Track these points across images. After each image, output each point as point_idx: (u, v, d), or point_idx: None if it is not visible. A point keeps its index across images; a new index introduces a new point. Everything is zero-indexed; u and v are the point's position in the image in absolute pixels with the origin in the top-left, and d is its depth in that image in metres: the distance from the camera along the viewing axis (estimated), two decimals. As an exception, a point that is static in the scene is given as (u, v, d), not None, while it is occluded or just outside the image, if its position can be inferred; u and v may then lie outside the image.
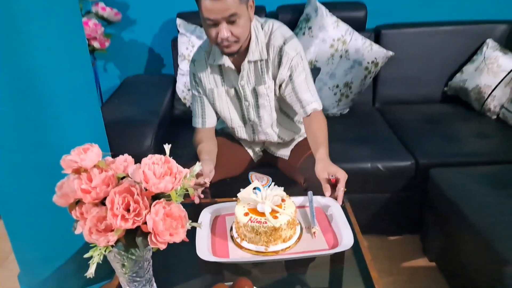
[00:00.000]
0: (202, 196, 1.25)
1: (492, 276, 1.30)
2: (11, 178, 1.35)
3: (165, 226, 0.71)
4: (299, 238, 1.07)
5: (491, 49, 2.14)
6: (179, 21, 2.14)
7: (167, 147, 0.78)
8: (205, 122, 1.47)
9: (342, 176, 1.19)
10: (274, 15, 2.25)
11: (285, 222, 1.01)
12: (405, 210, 1.89)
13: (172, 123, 2.10)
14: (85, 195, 0.75)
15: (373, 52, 2.10)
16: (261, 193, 1.05)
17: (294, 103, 1.39)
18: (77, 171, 0.80)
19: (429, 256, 1.81)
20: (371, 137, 1.97)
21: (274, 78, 1.38)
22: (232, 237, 1.10)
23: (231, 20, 1.19)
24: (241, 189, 1.08)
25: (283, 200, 1.08)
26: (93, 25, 2.09)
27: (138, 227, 0.73)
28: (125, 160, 0.85)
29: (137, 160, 0.83)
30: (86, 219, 0.77)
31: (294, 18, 2.19)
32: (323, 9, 2.09)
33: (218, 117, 1.52)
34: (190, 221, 0.82)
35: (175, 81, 2.20)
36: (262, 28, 1.34)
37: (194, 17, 2.17)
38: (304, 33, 2.10)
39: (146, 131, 1.71)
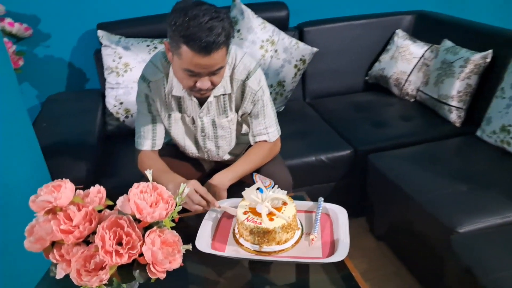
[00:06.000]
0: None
1: (440, 244, 1.45)
2: None
3: (164, 255, 0.69)
4: (296, 242, 1.07)
5: (401, 39, 2.35)
6: (100, 32, 2.02)
7: (148, 173, 0.75)
8: (155, 144, 1.37)
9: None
10: (199, 20, 2.24)
11: (280, 226, 1.02)
12: (350, 196, 2.01)
13: (106, 141, 1.99)
14: (66, 236, 0.70)
15: (300, 50, 2.19)
16: (262, 194, 1.06)
17: (248, 128, 1.42)
18: (49, 212, 0.74)
19: (377, 236, 1.95)
20: (309, 131, 2.06)
21: (237, 110, 1.36)
22: (234, 232, 1.12)
23: (215, 73, 1.14)
24: (245, 188, 1.08)
25: (285, 204, 1.08)
26: (2, 44, 1.90)
27: (134, 260, 0.69)
28: (98, 191, 0.80)
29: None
30: (69, 261, 0.72)
31: (221, 22, 2.19)
32: (248, 12, 2.12)
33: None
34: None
35: (103, 96, 2.08)
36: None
37: (117, 27, 2.08)
38: (233, 36, 2.11)
39: (86, 153, 1.60)
